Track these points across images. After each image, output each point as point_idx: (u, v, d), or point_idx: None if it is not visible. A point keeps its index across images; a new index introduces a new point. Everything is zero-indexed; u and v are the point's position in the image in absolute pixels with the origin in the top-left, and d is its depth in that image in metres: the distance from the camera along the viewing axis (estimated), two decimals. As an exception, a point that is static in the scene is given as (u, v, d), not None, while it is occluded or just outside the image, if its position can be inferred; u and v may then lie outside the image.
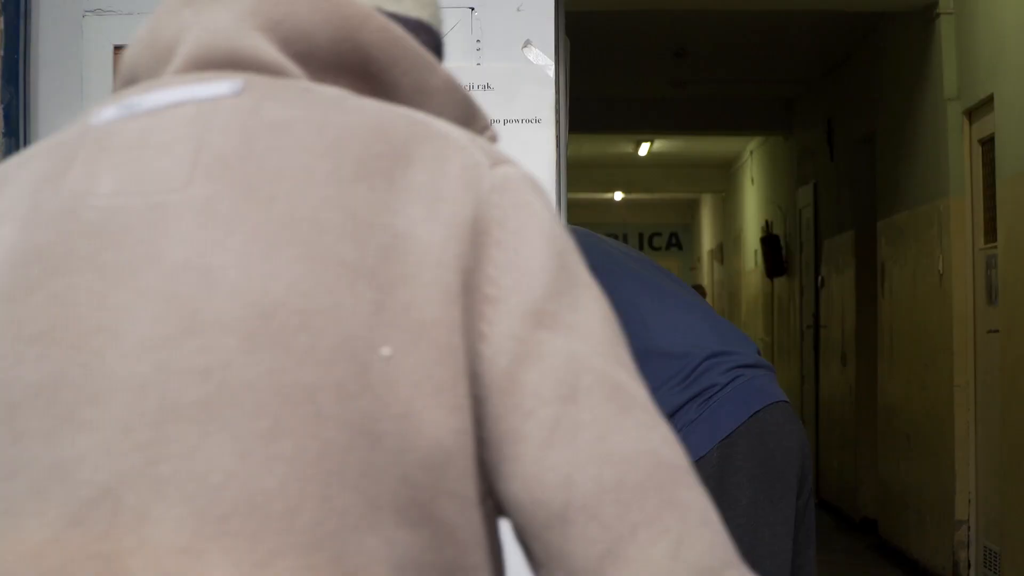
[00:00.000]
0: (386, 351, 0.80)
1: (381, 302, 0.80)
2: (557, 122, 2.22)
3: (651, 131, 11.95)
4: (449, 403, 0.80)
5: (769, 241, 10.68)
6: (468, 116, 0.97)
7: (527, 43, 2.21)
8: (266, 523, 0.77)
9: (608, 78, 8.74)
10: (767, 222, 11.17)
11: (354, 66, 0.93)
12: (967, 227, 5.99)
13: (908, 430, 6.69)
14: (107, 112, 0.93)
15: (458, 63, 2.21)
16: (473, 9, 2.22)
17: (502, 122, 2.19)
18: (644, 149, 13.08)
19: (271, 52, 0.92)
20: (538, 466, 0.80)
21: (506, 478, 0.81)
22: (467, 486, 0.81)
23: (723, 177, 14.50)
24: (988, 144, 5.76)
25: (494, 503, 0.83)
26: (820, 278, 9.09)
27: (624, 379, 0.83)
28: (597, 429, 0.81)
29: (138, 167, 0.87)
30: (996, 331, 5.56)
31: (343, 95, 0.90)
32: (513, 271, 0.82)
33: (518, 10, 2.21)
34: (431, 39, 1.03)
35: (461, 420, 0.80)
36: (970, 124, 6.02)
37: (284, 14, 0.92)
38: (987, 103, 5.69)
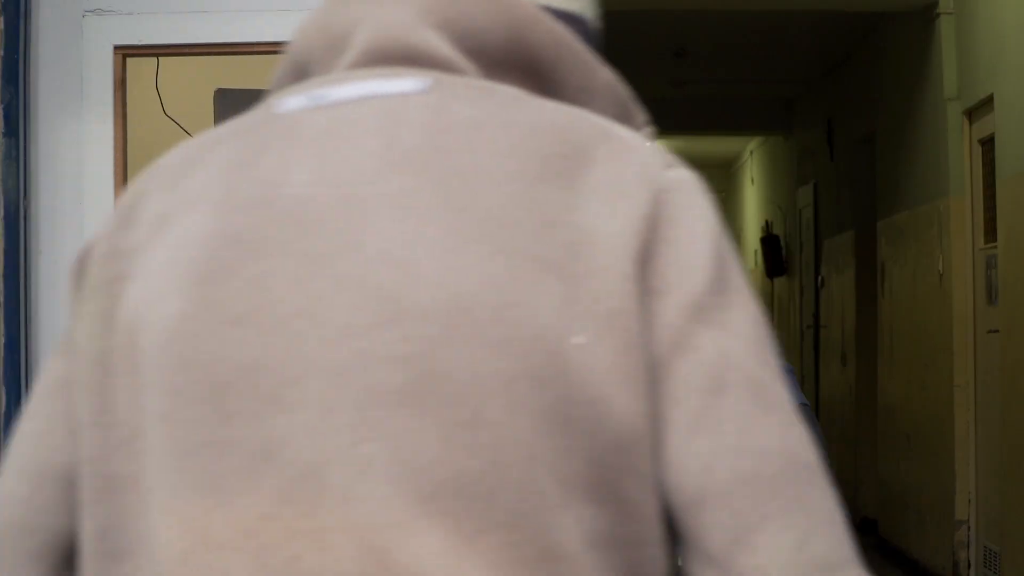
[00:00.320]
0: (578, 340, 0.84)
1: (570, 294, 0.84)
2: (557, 122, 2.22)
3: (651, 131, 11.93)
4: (634, 388, 0.84)
5: (769, 241, 10.69)
6: (627, 113, 1.00)
7: (527, 43, 2.21)
8: (470, 503, 0.82)
9: (608, 78, 8.72)
10: (767, 222, 11.17)
11: (522, 64, 0.97)
12: (967, 227, 6.00)
13: (908, 430, 6.69)
14: (292, 101, 0.96)
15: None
16: (473, 9, 2.22)
17: (502, 122, 2.19)
18: (644, 149, 13.05)
19: (446, 49, 0.95)
20: (681, 452, 0.84)
21: (652, 460, 0.85)
22: (649, 465, 0.84)
23: (723, 177, 14.50)
24: (988, 144, 5.76)
25: None
26: (820, 278, 9.09)
27: (768, 380, 0.87)
28: (739, 423, 0.85)
29: (330, 158, 0.90)
30: (996, 331, 5.56)
31: (522, 95, 0.93)
32: (678, 267, 0.86)
33: (518, 10, 2.21)
34: (583, 29, 1.06)
35: (645, 404, 0.84)
36: (970, 124, 6.02)
37: (458, 13, 0.96)
38: (987, 103, 5.69)
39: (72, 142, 2.26)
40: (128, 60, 2.29)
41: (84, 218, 2.25)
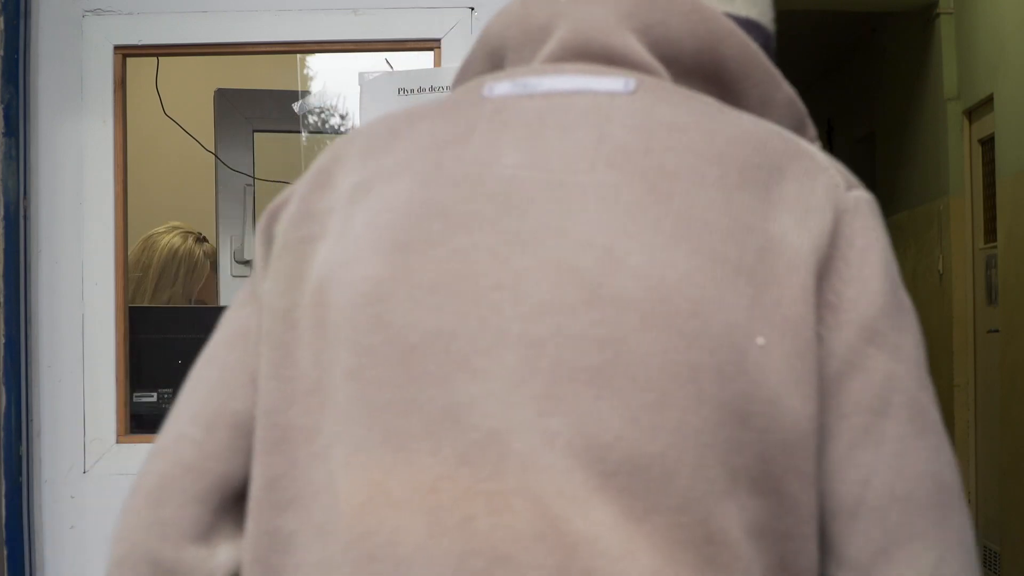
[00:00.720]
0: (761, 340, 0.88)
1: (756, 297, 0.89)
2: (557, 122, 2.22)
3: (651, 131, 11.93)
4: (806, 392, 0.88)
5: (769, 241, 10.66)
6: (802, 126, 1.07)
7: (527, 43, 2.21)
8: (646, 483, 0.85)
9: (608, 78, 8.72)
10: (767, 222, 11.14)
11: (710, 74, 1.03)
12: (967, 227, 5.99)
13: (908, 430, 6.67)
14: (500, 87, 1.00)
15: (458, 63, 2.21)
16: (473, 9, 2.22)
17: (502, 122, 2.19)
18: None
19: (643, 53, 1.00)
20: (842, 463, 0.90)
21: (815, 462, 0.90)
22: (811, 465, 0.89)
23: (723, 177, 14.47)
24: (988, 144, 5.75)
25: None
26: (820, 278, 9.06)
27: (927, 403, 0.93)
28: (899, 444, 0.90)
29: (541, 145, 0.95)
30: (996, 331, 5.56)
31: (721, 105, 0.99)
32: (855, 286, 0.91)
33: (518, 10, 2.21)
34: (764, 36, 1.11)
35: (814, 408, 0.89)
36: (970, 124, 6.02)
37: (657, 20, 1.01)
38: (987, 103, 5.68)
39: (72, 142, 2.26)
40: (128, 60, 2.29)
41: (84, 218, 2.25)
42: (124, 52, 2.27)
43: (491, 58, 1.09)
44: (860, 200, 0.95)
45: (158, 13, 2.25)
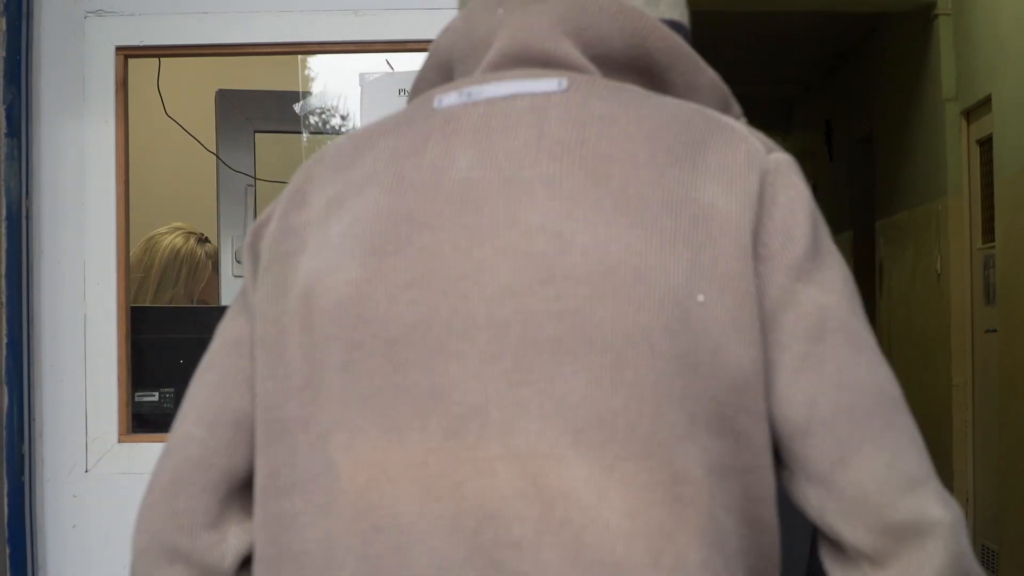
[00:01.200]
0: (701, 298, 0.98)
1: (694, 259, 0.99)
2: (557, 123, 2.22)
3: (651, 131, 11.93)
4: (748, 339, 0.99)
5: (768, 241, 10.67)
6: (727, 105, 1.17)
7: (527, 44, 2.21)
8: (612, 435, 0.96)
9: (608, 79, 8.72)
10: (766, 222, 11.14)
11: (641, 67, 1.13)
12: (965, 227, 5.99)
13: (906, 429, 6.67)
14: (448, 98, 1.11)
15: (458, 64, 2.21)
16: (473, 10, 2.22)
17: (502, 123, 2.19)
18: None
19: (576, 55, 1.11)
20: (789, 389, 1.00)
21: (766, 399, 1.00)
22: (759, 403, 0.99)
23: (722, 177, 14.47)
24: (986, 144, 5.75)
25: None
26: (819, 278, 9.07)
27: (859, 327, 1.03)
28: (837, 363, 1.00)
29: (488, 147, 1.05)
30: (994, 331, 5.56)
31: (647, 93, 1.09)
32: (780, 237, 1.02)
33: (518, 11, 2.21)
34: (685, 34, 1.25)
35: (757, 351, 0.99)
36: (968, 124, 6.02)
37: (588, 24, 1.12)
38: (985, 103, 5.68)
39: (74, 142, 2.26)
40: (130, 61, 2.29)
41: (86, 218, 2.25)
42: (126, 53, 2.27)
43: (441, 70, 1.19)
44: (780, 161, 1.05)
45: (160, 14, 2.25)
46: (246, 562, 1.11)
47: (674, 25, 1.24)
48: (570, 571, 0.95)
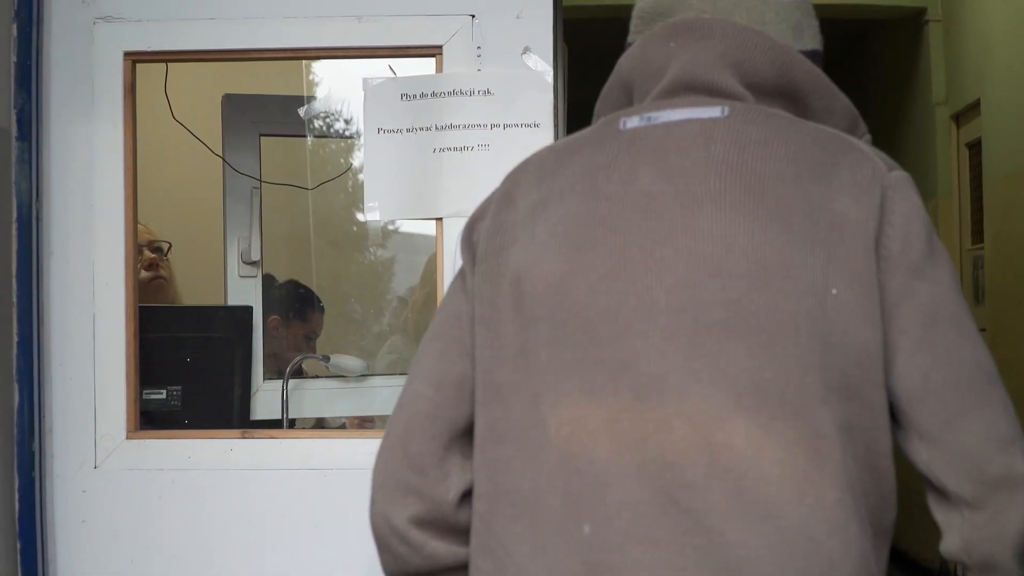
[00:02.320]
0: (834, 291, 1.21)
1: (829, 259, 1.21)
2: (555, 126, 2.22)
3: (647, 135, 11.89)
4: (871, 323, 1.21)
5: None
6: (855, 125, 1.39)
7: (526, 50, 2.21)
8: (766, 400, 1.18)
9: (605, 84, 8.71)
10: (760, 224, 11.12)
11: (787, 93, 1.35)
12: (955, 228, 5.99)
13: (897, 426, 6.66)
14: (631, 121, 1.34)
15: (459, 69, 2.21)
16: (474, 16, 2.22)
17: (502, 126, 2.19)
18: (640, 152, 13.02)
19: (735, 84, 1.33)
20: (907, 365, 1.22)
21: (886, 372, 1.22)
22: (880, 375, 1.22)
23: (717, 180, 14.43)
24: (975, 147, 5.75)
25: None
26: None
27: (963, 315, 1.25)
28: (947, 345, 1.22)
29: (665, 165, 1.27)
30: (983, 330, 5.56)
31: (792, 119, 1.31)
32: (899, 241, 1.23)
33: (517, 17, 2.21)
34: (819, 58, 1.43)
35: (878, 334, 1.21)
36: (958, 128, 6.02)
37: (745, 58, 1.34)
38: (974, 108, 5.68)
39: (83, 145, 2.26)
40: (138, 66, 2.29)
41: (95, 219, 2.25)
42: (134, 58, 2.27)
43: (624, 89, 1.41)
44: (898, 177, 1.28)
45: (167, 20, 2.25)
46: (465, 497, 1.33)
47: (814, 54, 1.42)
48: (732, 508, 1.17)
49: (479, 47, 2.21)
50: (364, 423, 3.19)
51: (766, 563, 1.16)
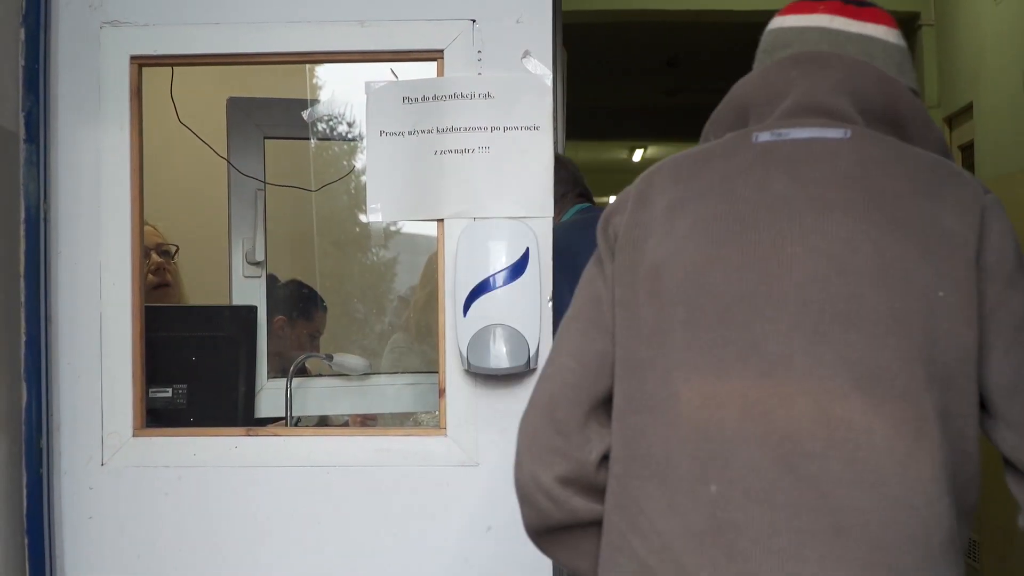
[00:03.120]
0: (941, 294, 1.36)
1: (938, 266, 1.37)
2: (555, 129, 2.22)
3: (645, 138, 11.93)
4: (970, 324, 1.37)
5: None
6: (946, 152, 1.55)
7: (526, 54, 2.21)
8: (878, 383, 1.34)
9: (603, 87, 8.72)
10: (756, 225, 11.12)
11: (891, 120, 1.51)
12: (947, 230, 5.97)
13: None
14: (763, 136, 1.49)
15: (460, 72, 2.21)
16: (475, 21, 2.22)
17: (502, 129, 2.19)
18: (638, 155, 13.06)
19: (850, 109, 1.50)
20: (1001, 363, 1.38)
21: (980, 367, 1.38)
22: (974, 369, 1.37)
23: (714, 182, 14.43)
24: (968, 150, 5.75)
25: None
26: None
27: None
28: None
29: (796, 174, 1.43)
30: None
31: (902, 144, 1.48)
32: (995, 255, 1.40)
33: (517, 22, 2.21)
34: (918, 95, 1.58)
35: (975, 334, 1.37)
36: (951, 130, 6.02)
37: (858, 87, 1.51)
38: (967, 111, 5.68)
39: (90, 148, 2.26)
40: (144, 70, 2.29)
41: (102, 220, 2.25)
42: (140, 62, 2.27)
43: (737, 111, 1.57)
44: (993, 200, 1.44)
45: (173, 25, 2.25)
46: (603, 459, 1.48)
47: (914, 91, 1.58)
48: (846, 475, 1.32)
49: (480, 51, 2.21)
50: (367, 421, 3.19)
51: (873, 524, 1.32)
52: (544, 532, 1.53)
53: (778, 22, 1.62)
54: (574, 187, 3.53)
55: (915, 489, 1.33)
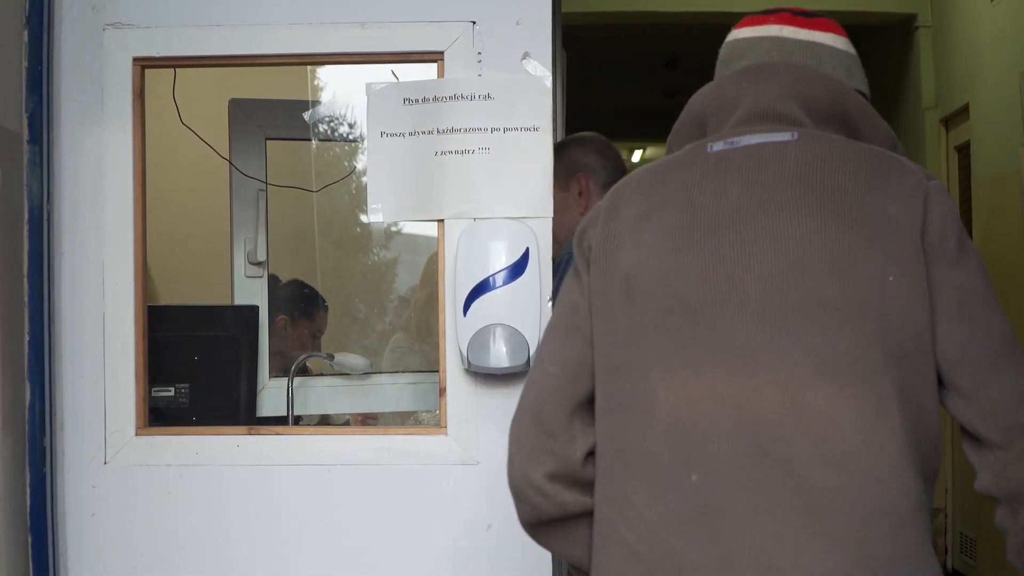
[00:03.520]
0: (891, 279, 1.44)
1: (885, 252, 1.45)
2: (554, 130, 2.22)
3: (644, 139, 11.92)
4: (921, 305, 1.45)
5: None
6: (894, 146, 1.63)
7: (526, 55, 2.21)
8: (839, 368, 1.42)
9: (602, 88, 8.72)
10: (754, 225, 11.11)
11: (839, 119, 1.60)
12: (944, 230, 5.97)
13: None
14: (717, 145, 1.58)
15: (460, 74, 2.21)
16: (475, 23, 2.22)
17: (502, 130, 2.19)
18: (637, 156, 13.05)
19: (799, 112, 1.58)
20: (948, 337, 1.46)
21: (932, 344, 1.45)
22: (928, 347, 1.45)
23: (712, 182, 14.42)
24: (964, 151, 5.75)
25: None
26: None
27: (991, 296, 1.49)
28: (979, 319, 1.47)
29: (749, 180, 1.52)
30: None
31: (848, 141, 1.56)
32: (939, 236, 1.47)
33: (517, 24, 2.21)
34: (867, 98, 1.68)
35: (927, 313, 1.45)
36: (947, 132, 6.02)
37: (805, 91, 1.60)
38: (963, 112, 5.68)
39: (93, 149, 2.25)
40: (146, 71, 2.29)
41: (105, 221, 2.25)
42: (143, 64, 2.27)
43: (695, 122, 1.66)
44: (935, 186, 1.51)
45: (175, 27, 2.25)
46: (589, 456, 1.56)
47: (861, 93, 1.68)
48: (816, 456, 1.40)
49: (480, 53, 2.21)
50: (367, 420, 3.19)
51: (844, 500, 1.40)
52: (538, 525, 1.62)
53: (734, 35, 1.71)
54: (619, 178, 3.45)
55: (881, 464, 1.41)
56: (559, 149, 2.97)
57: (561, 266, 2.75)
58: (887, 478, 1.41)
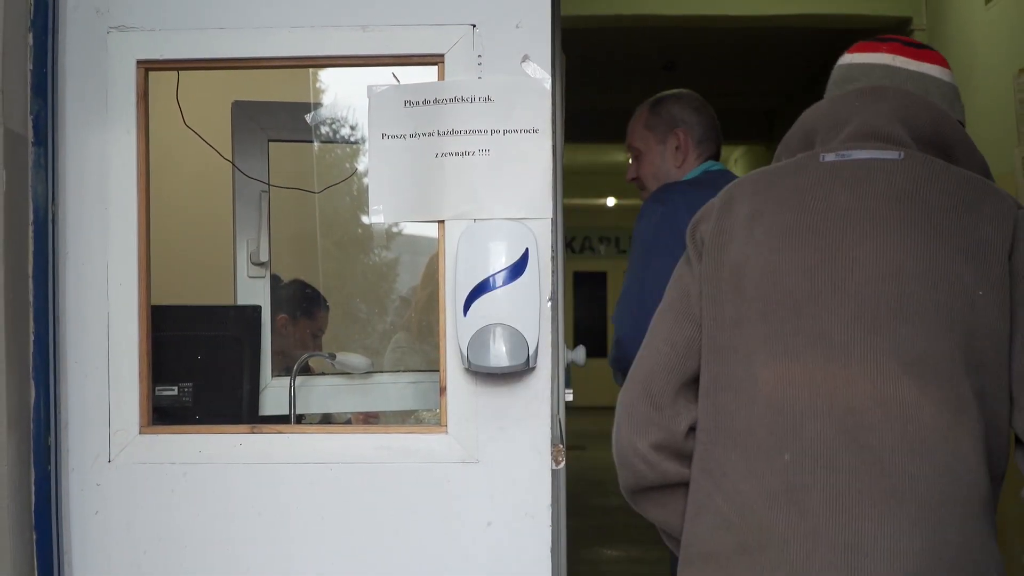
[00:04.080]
0: (981, 293, 1.58)
1: (977, 269, 1.59)
2: (553, 132, 2.22)
3: (642, 140, 11.89)
4: (1004, 318, 1.59)
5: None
6: (987, 173, 1.76)
7: (525, 58, 2.21)
8: (925, 367, 1.56)
9: (602, 91, 8.72)
10: (751, 226, 11.10)
11: (939, 144, 1.73)
12: (939, 230, 5.97)
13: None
14: (829, 156, 1.71)
15: (461, 76, 2.20)
16: (475, 26, 2.22)
17: (501, 132, 2.19)
18: (635, 157, 13.02)
19: (904, 135, 1.71)
20: (1019, 352, 1.59)
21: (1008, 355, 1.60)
22: (1005, 358, 1.60)
23: (709, 183, 14.40)
24: (958, 153, 5.74)
25: None
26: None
27: None
28: None
29: (858, 189, 1.65)
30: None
31: (946, 164, 1.69)
32: (1023, 261, 1.60)
33: (517, 27, 2.21)
34: (963, 125, 1.81)
35: (1008, 326, 1.59)
36: (942, 134, 6.01)
37: (911, 115, 1.73)
38: (958, 114, 5.67)
39: (97, 151, 2.25)
40: (150, 74, 2.29)
41: (109, 222, 2.25)
42: (147, 66, 2.27)
43: (805, 135, 1.79)
44: (1023, 215, 1.64)
45: (179, 30, 2.25)
46: (690, 430, 1.70)
47: (959, 122, 1.80)
48: (900, 444, 1.53)
49: (480, 55, 2.21)
50: (369, 418, 3.19)
51: (922, 487, 1.53)
52: (639, 491, 1.76)
53: (847, 59, 1.86)
54: (715, 140, 3.39)
55: (957, 458, 1.54)
56: (656, 104, 3.09)
57: (646, 211, 3.15)
58: (961, 471, 1.54)
